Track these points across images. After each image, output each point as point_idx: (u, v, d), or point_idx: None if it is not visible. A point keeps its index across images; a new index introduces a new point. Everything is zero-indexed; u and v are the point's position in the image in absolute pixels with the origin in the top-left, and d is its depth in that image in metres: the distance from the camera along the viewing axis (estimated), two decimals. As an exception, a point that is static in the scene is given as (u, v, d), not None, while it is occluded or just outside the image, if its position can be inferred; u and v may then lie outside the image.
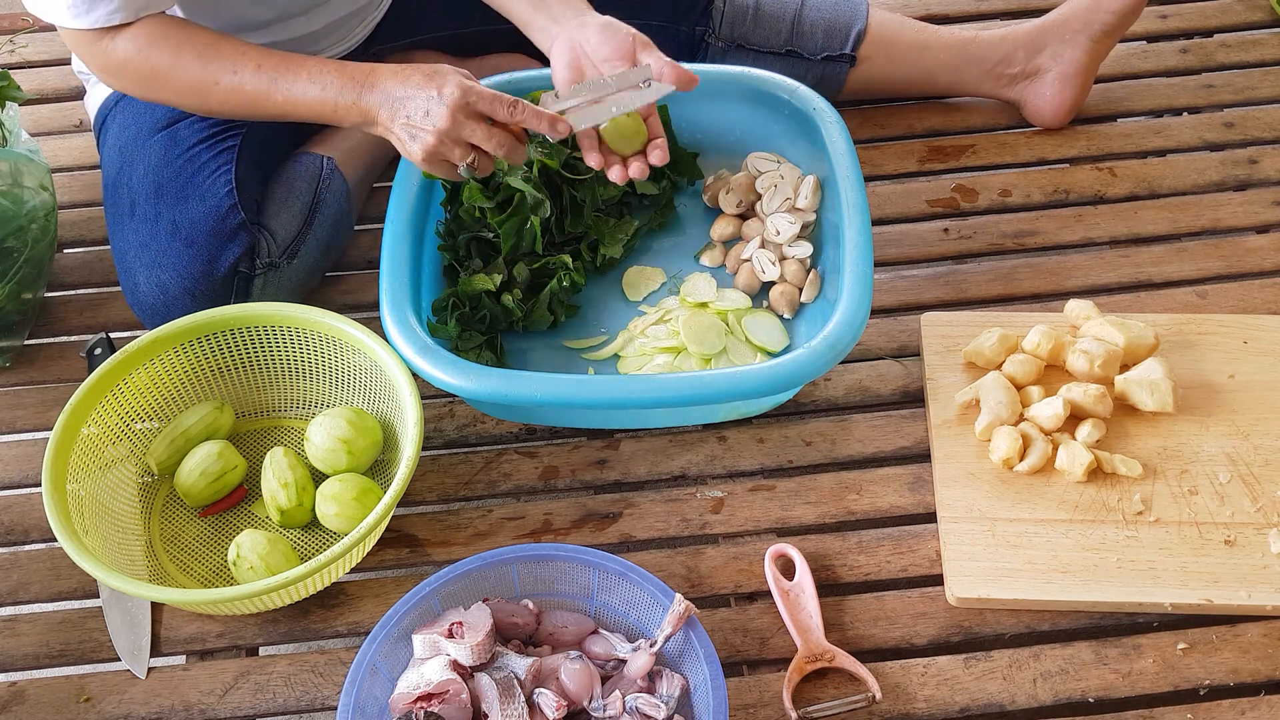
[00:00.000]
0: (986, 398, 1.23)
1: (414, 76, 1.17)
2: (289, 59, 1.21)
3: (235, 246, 1.31)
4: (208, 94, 1.22)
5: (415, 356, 1.18)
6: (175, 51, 1.21)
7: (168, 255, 1.29)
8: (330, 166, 1.41)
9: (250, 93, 1.21)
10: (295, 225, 1.37)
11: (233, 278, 1.31)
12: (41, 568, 1.21)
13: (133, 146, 1.35)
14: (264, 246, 1.34)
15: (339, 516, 1.18)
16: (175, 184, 1.32)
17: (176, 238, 1.29)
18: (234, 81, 1.20)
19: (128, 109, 1.38)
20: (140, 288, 1.30)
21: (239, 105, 1.22)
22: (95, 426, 1.18)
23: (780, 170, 1.42)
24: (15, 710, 1.11)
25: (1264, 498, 1.19)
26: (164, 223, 1.30)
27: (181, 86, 1.22)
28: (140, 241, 1.30)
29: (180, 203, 1.31)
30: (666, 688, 1.03)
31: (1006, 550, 1.15)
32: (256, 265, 1.33)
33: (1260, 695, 1.09)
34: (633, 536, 1.21)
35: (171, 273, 1.29)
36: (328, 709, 1.11)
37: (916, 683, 1.10)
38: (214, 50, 1.21)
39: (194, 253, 1.29)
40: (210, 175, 1.32)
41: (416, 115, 1.16)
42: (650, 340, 1.32)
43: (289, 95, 1.20)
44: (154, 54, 1.21)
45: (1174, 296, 1.39)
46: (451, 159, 1.18)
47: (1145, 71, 1.67)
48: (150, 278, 1.29)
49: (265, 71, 1.20)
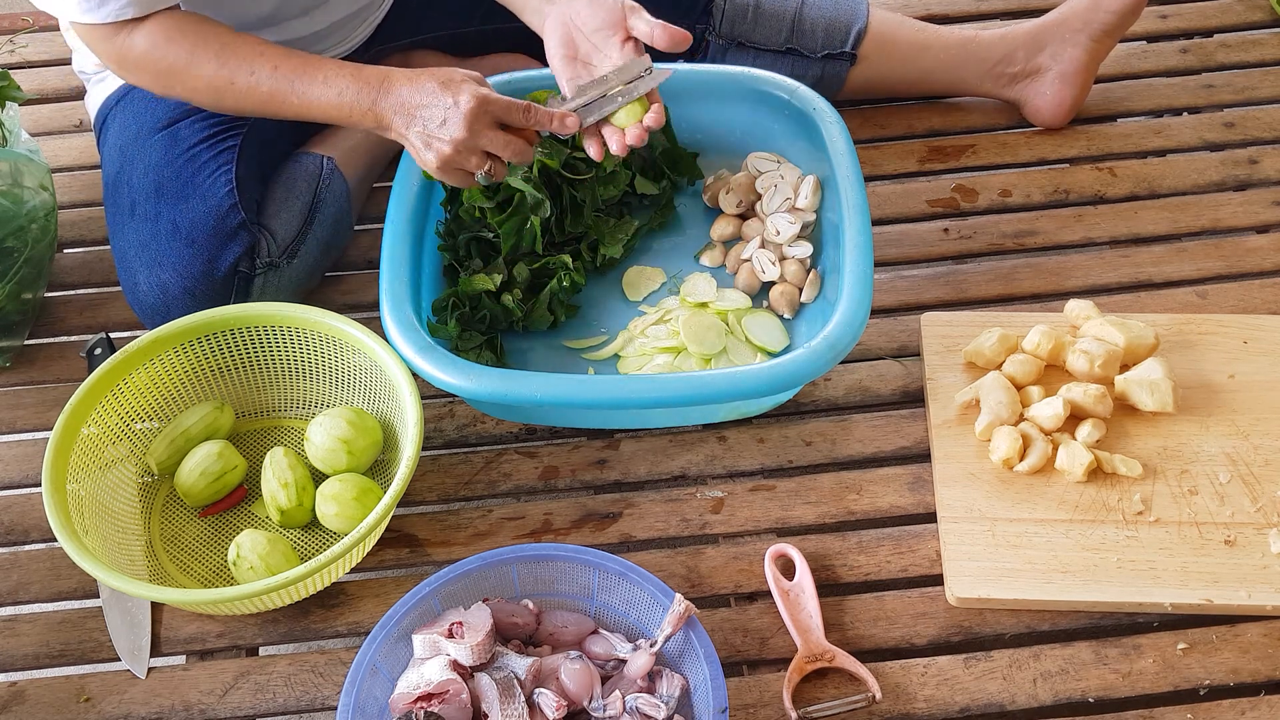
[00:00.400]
0: (986, 398, 1.23)
1: (429, 84, 1.17)
2: (306, 61, 1.21)
3: (235, 246, 1.31)
4: (223, 93, 1.22)
5: (415, 356, 1.18)
6: (192, 49, 1.21)
7: (168, 255, 1.29)
8: (330, 166, 1.41)
9: (266, 94, 1.21)
10: (295, 225, 1.37)
11: (233, 277, 1.31)
12: (41, 568, 1.21)
13: (133, 146, 1.35)
14: (264, 246, 1.33)
15: (339, 517, 1.18)
16: (176, 183, 1.32)
17: (177, 237, 1.29)
18: (250, 82, 1.21)
19: (128, 108, 1.38)
20: (140, 287, 1.30)
21: (255, 105, 1.23)
22: (95, 426, 1.18)
23: (780, 170, 1.43)
24: (15, 710, 1.11)
25: (1264, 498, 1.19)
26: (164, 222, 1.30)
27: (198, 84, 1.22)
28: (140, 241, 1.30)
29: (181, 202, 1.31)
30: (666, 688, 1.03)
31: (1006, 550, 1.15)
32: (256, 265, 1.33)
33: (1260, 695, 1.09)
34: (633, 536, 1.21)
35: (172, 272, 1.29)
36: (328, 709, 1.11)
37: (916, 683, 1.10)
38: (231, 50, 1.21)
39: (194, 252, 1.29)
40: (211, 175, 1.32)
41: (433, 124, 1.16)
42: (650, 340, 1.32)
43: (304, 99, 1.20)
44: (171, 51, 1.21)
45: (1174, 296, 1.39)
46: (468, 168, 1.19)
47: (1145, 71, 1.67)
48: (150, 277, 1.29)
49: (282, 73, 1.20)
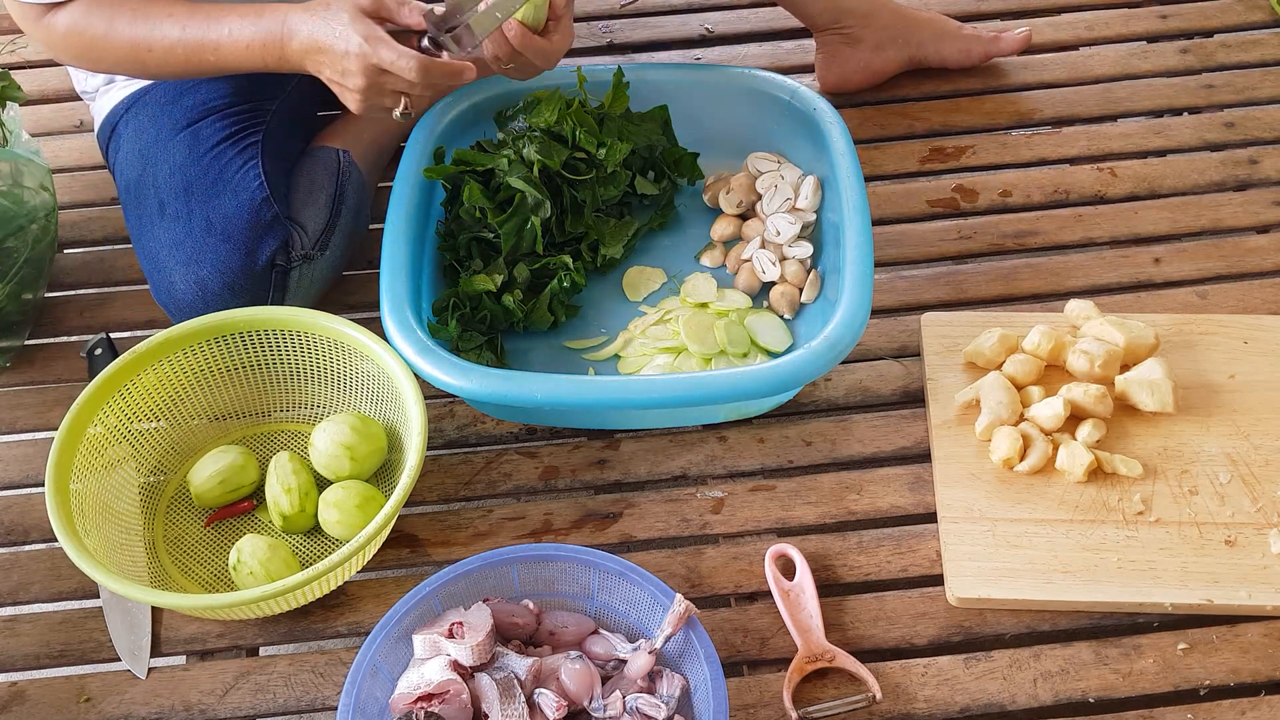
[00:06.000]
0: (987, 398, 1.23)
1: (320, 28, 1.18)
2: (209, 16, 1.22)
3: (272, 239, 1.30)
4: (144, 61, 1.23)
5: (416, 357, 1.18)
6: (110, 17, 1.22)
7: (204, 251, 1.28)
8: (348, 159, 1.42)
9: (182, 58, 1.23)
10: (323, 217, 1.37)
11: (270, 270, 1.31)
12: (42, 568, 1.21)
13: (154, 149, 1.35)
14: (296, 239, 1.34)
15: (340, 524, 1.18)
16: (204, 181, 1.31)
17: (212, 233, 1.29)
18: (164, 45, 1.22)
19: (141, 114, 1.38)
20: (177, 286, 1.29)
21: (176, 69, 1.24)
22: (100, 426, 1.19)
23: (780, 170, 1.43)
24: (15, 710, 1.11)
25: (1264, 498, 1.19)
26: (197, 220, 1.29)
27: (120, 54, 1.23)
28: (174, 240, 1.29)
29: (212, 199, 1.30)
30: (667, 688, 1.03)
31: (1007, 550, 1.15)
32: (292, 258, 1.33)
33: (1260, 695, 1.09)
34: (633, 537, 1.21)
35: (210, 269, 1.28)
36: (328, 709, 1.11)
37: (916, 683, 1.10)
38: (142, 14, 1.22)
39: (231, 247, 1.28)
40: (240, 170, 1.32)
41: (337, 74, 1.19)
42: (650, 341, 1.32)
43: (219, 55, 1.23)
44: (92, 21, 1.22)
45: (1174, 296, 1.39)
46: (385, 107, 1.21)
47: (1145, 71, 1.67)
48: (187, 275, 1.28)
49: (190, 33, 1.22)
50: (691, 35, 1.74)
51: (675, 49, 1.73)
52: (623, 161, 1.37)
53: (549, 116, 1.36)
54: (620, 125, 1.39)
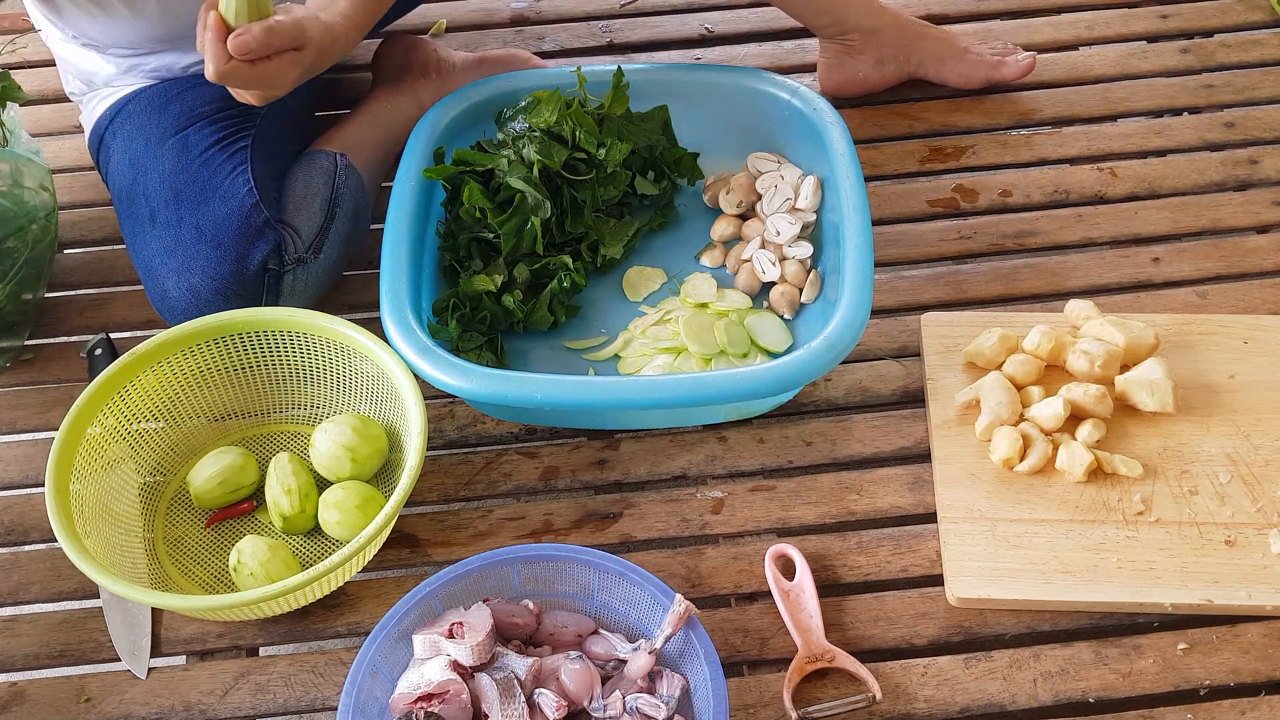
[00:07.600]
0: (987, 398, 1.23)
1: None
2: None
3: (262, 244, 1.30)
4: None
5: (415, 358, 1.18)
6: None
7: (195, 258, 1.28)
8: (344, 162, 1.42)
9: None
10: (318, 220, 1.37)
11: (262, 275, 1.31)
12: (42, 568, 1.21)
13: (144, 156, 1.35)
14: (289, 243, 1.34)
15: (341, 525, 1.18)
16: (193, 188, 1.32)
17: (202, 240, 1.29)
18: None
19: (129, 121, 1.38)
20: (170, 293, 1.29)
21: None
22: (100, 427, 1.19)
23: (780, 170, 1.43)
24: (15, 710, 1.11)
25: (1264, 498, 1.19)
26: (187, 227, 1.30)
27: None
28: (165, 248, 1.30)
29: (201, 205, 1.30)
30: (667, 688, 1.03)
31: (1007, 550, 1.15)
32: (285, 262, 1.33)
33: (1260, 695, 1.09)
34: (633, 537, 1.21)
35: (201, 275, 1.28)
36: (328, 709, 1.11)
37: (916, 683, 1.10)
38: None
39: (221, 253, 1.29)
40: (228, 176, 1.32)
41: None
42: (650, 341, 1.32)
43: None
44: None
45: (1174, 296, 1.39)
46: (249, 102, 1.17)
47: (1145, 71, 1.67)
48: (180, 282, 1.29)
49: None
50: (691, 35, 1.74)
51: (675, 49, 1.73)
52: (623, 161, 1.37)
53: (549, 117, 1.36)
54: (620, 125, 1.39)
